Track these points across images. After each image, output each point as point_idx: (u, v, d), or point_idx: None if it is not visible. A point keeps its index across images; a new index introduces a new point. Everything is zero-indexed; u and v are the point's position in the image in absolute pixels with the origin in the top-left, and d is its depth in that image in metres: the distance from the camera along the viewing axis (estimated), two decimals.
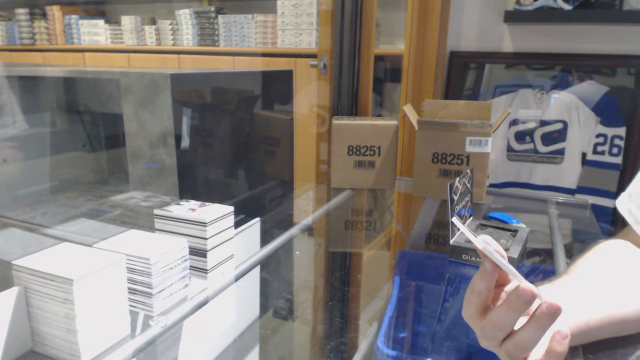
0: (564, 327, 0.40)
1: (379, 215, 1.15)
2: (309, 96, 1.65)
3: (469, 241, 0.40)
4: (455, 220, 0.44)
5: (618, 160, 1.42)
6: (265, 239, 0.84)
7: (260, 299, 0.73)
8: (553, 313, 0.38)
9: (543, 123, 1.49)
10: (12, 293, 0.50)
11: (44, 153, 1.07)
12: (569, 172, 1.49)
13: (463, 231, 0.42)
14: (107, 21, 3.02)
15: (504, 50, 1.55)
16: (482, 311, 0.42)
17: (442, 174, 1.08)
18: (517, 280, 0.40)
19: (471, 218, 0.92)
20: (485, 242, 0.40)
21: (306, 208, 1.17)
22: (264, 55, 2.42)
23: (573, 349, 0.53)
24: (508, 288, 0.43)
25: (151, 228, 0.66)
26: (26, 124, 1.03)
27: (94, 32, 3.05)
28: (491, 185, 1.55)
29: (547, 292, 0.46)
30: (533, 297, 0.38)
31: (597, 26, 1.43)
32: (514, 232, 0.85)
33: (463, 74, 1.60)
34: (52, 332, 0.50)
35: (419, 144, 1.08)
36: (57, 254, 0.53)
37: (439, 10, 1.46)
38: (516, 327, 0.41)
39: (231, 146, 1.00)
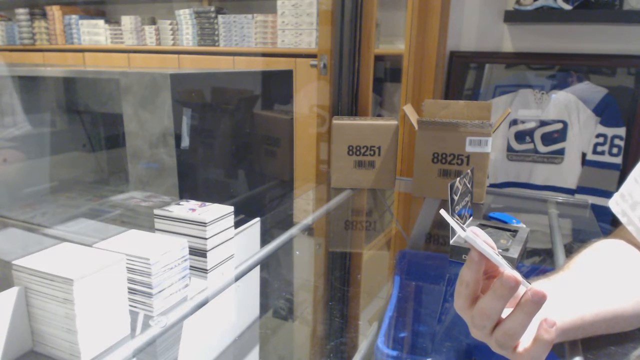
0: (551, 315, 0.40)
1: (379, 215, 1.15)
2: (309, 96, 1.65)
3: (459, 234, 0.41)
4: (443, 212, 0.44)
5: (618, 160, 1.42)
6: (265, 239, 0.84)
7: (260, 299, 0.73)
8: (538, 300, 0.38)
9: (543, 123, 1.49)
10: (12, 293, 0.49)
11: (44, 153, 1.07)
12: (568, 172, 1.49)
13: (450, 222, 0.42)
14: (107, 21, 3.02)
15: (504, 50, 1.55)
16: (471, 302, 0.43)
17: (442, 174, 1.08)
18: (501, 268, 0.40)
19: (471, 218, 0.92)
20: (472, 232, 0.40)
21: (306, 208, 1.17)
22: (264, 55, 2.42)
23: (572, 346, 0.53)
24: None
25: (151, 228, 0.66)
26: (28, 124, 1.03)
27: (94, 32, 3.05)
28: (491, 185, 1.55)
29: (542, 287, 0.47)
30: (516, 283, 0.38)
31: (597, 26, 1.43)
32: (514, 232, 0.85)
33: (463, 74, 1.60)
34: (52, 332, 0.50)
35: (419, 144, 1.08)
36: (57, 254, 0.53)
37: (439, 10, 1.46)
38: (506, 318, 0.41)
39: (231, 146, 1.00)
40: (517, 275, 0.39)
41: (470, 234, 0.40)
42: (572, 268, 0.56)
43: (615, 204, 0.64)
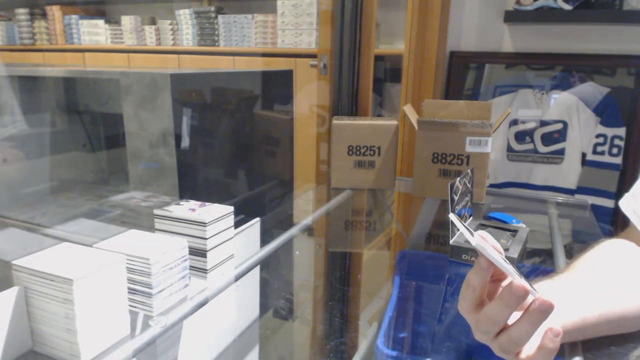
0: (557, 324, 0.40)
1: (379, 215, 1.15)
2: (309, 96, 1.65)
3: (469, 241, 0.40)
4: (452, 216, 0.44)
5: (618, 160, 1.42)
6: (265, 239, 0.84)
7: (260, 299, 0.73)
8: (545, 309, 0.39)
9: (543, 123, 1.49)
10: (12, 293, 0.49)
11: (44, 153, 1.07)
12: (568, 172, 1.49)
13: (459, 227, 0.42)
14: (107, 21, 3.02)
15: (504, 50, 1.55)
16: (476, 306, 0.43)
17: (442, 174, 1.08)
18: (510, 277, 0.40)
19: (471, 218, 0.92)
20: (482, 238, 0.40)
21: (306, 208, 1.17)
22: (264, 55, 2.42)
23: (572, 346, 0.53)
24: (504, 283, 0.44)
25: (151, 228, 0.66)
26: (26, 124, 1.03)
27: (94, 32, 3.05)
28: (491, 185, 1.55)
29: (546, 288, 0.47)
30: (525, 293, 0.38)
31: (597, 26, 1.43)
32: (514, 232, 0.85)
33: (463, 74, 1.60)
34: (52, 332, 0.50)
35: (419, 144, 1.08)
36: (57, 254, 0.53)
37: (439, 10, 1.46)
38: (511, 322, 0.41)
39: (231, 146, 1.00)
40: (526, 284, 0.39)
41: (480, 241, 0.40)
42: (576, 268, 0.56)
43: (627, 204, 0.64)
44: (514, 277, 0.39)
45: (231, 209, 0.68)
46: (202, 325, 0.61)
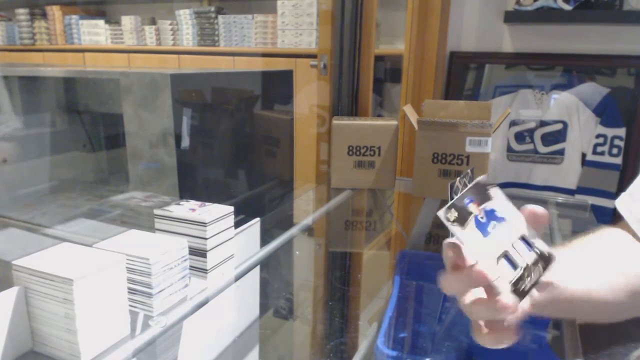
0: (526, 303, 0.44)
1: (379, 215, 1.16)
2: (309, 96, 1.65)
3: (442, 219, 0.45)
4: (441, 213, 0.47)
5: (618, 160, 1.42)
6: (265, 239, 0.84)
7: (260, 299, 0.73)
8: (502, 310, 0.42)
9: (543, 123, 1.49)
10: (12, 293, 0.49)
11: (44, 153, 1.07)
12: (568, 173, 1.49)
13: (446, 224, 0.45)
14: (107, 21, 3.02)
15: (504, 51, 1.55)
16: (452, 267, 0.48)
17: (442, 174, 1.08)
18: (471, 262, 0.44)
19: None
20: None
21: (306, 208, 1.17)
22: (264, 55, 2.42)
23: (573, 346, 0.53)
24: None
25: (151, 228, 0.66)
26: (20, 124, 1.03)
27: (94, 32, 3.05)
28: None
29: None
30: (483, 277, 0.43)
31: (598, 26, 1.43)
32: None
33: (463, 74, 1.60)
34: (52, 332, 0.50)
35: (419, 144, 1.08)
36: (57, 254, 0.53)
37: (439, 10, 1.46)
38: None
39: (231, 146, 1.00)
40: (488, 275, 0.42)
41: (445, 222, 0.45)
42: (574, 248, 0.57)
43: (623, 203, 0.64)
44: (475, 263, 0.43)
45: (231, 209, 0.68)
46: (202, 325, 0.61)
